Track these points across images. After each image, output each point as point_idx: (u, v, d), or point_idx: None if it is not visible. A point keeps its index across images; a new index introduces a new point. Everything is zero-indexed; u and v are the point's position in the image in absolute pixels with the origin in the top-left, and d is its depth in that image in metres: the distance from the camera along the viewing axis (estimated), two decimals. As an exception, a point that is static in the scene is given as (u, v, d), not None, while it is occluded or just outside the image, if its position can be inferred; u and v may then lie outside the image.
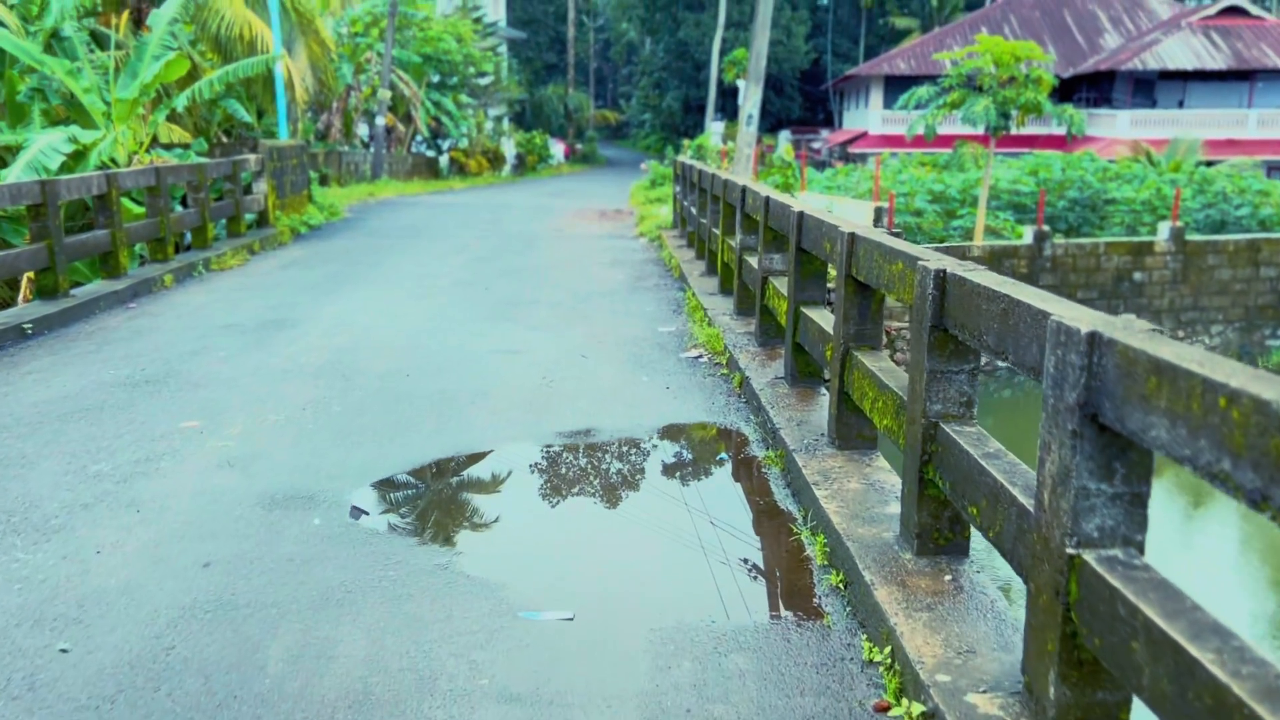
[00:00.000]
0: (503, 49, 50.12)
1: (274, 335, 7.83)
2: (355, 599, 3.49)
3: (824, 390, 5.61)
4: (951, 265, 3.33)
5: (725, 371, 6.68)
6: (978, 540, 3.40)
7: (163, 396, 6.06)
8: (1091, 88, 37.62)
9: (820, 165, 39.80)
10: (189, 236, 12.35)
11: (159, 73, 12.72)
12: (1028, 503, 2.65)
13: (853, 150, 40.05)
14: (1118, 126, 33.84)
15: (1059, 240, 18.85)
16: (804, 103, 60.87)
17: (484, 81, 41.20)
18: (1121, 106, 35.15)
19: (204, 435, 5.32)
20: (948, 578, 3.35)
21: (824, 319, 5.20)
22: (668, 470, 4.98)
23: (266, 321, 8.37)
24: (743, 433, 5.43)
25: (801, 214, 5.49)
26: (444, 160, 36.20)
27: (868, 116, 41.09)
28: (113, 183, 9.44)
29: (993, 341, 2.90)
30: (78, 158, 13.00)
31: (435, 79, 35.26)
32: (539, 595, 3.55)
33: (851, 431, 4.60)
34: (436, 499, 4.62)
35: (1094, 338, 2.22)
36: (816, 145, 47.79)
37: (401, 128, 31.33)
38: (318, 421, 5.56)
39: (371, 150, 28.86)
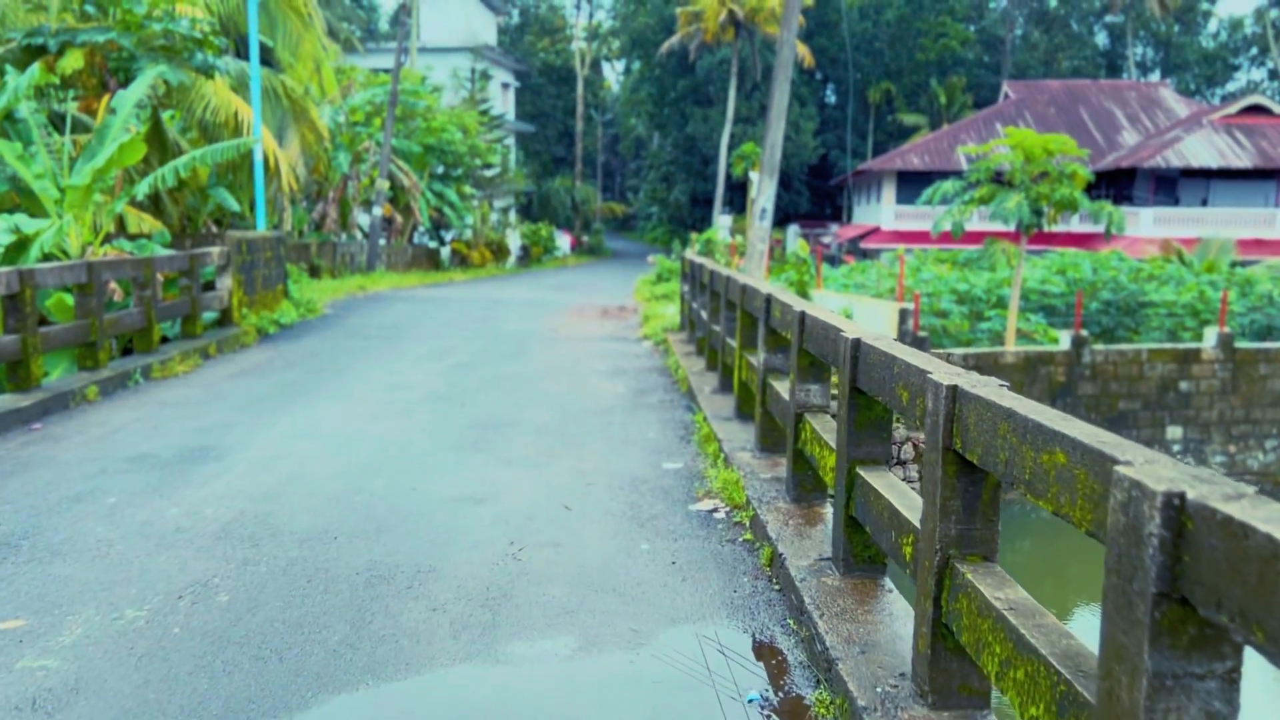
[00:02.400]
0: (510, 141, 49.83)
1: (188, 472, 6.33)
2: None
3: (891, 587, 4.07)
4: (1189, 483, 1.84)
5: (749, 537, 5.14)
6: None
7: None
8: (1111, 185, 36.69)
9: (831, 260, 38.81)
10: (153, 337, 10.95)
11: (112, 156, 11.51)
12: None
13: (865, 245, 39.06)
14: (1140, 225, 32.75)
15: (1098, 346, 17.43)
16: (812, 197, 60.42)
17: (490, 173, 40.55)
18: (1143, 204, 34.14)
19: (22, 646, 3.79)
20: None
21: (895, 493, 3.70)
22: None
23: (187, 451, 6.88)
24: (779, 650, 3.88)
25: (859, 343, 4.03)
26: (445, 252, 35.21)
27: (880, 211, 40.21)
28: (26, 280, 8.08)
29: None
30: (20, 248, 11.73)
31: (439, 170, 34.50)
32: None
33: (952, 681, 3.05)
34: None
35: None
36: (826, 240, 46.97)
37: (400, 218, 30.34)
38: (190, 622, 4.02)
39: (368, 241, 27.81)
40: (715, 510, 5.62)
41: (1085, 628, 12.58)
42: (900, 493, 3.71)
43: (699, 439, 7.40)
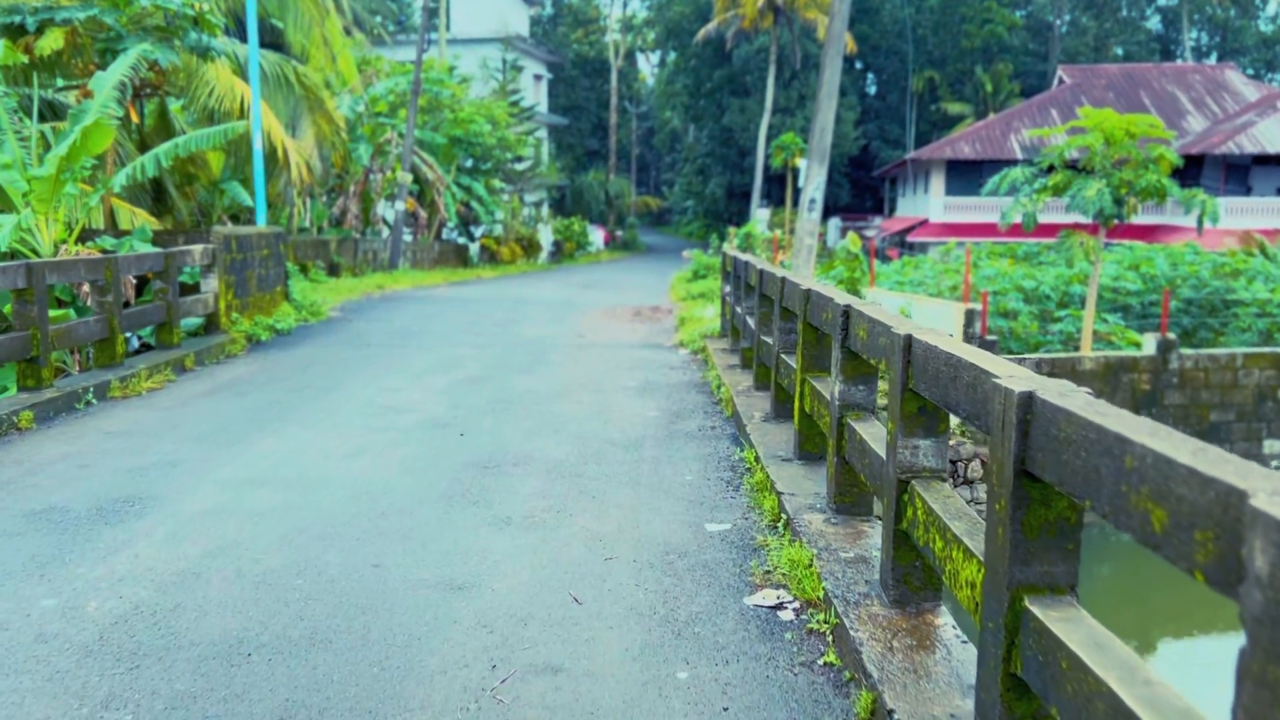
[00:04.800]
0: (542, 134, 48.48)
1: (95, 536, 4.91)
2: None
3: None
4: None
5: (833, 660, 3.61)
6: None
7: None
8: (1176, 173, 34.56)
9: (875, 254, 37.01)
10: (130, 349, 9.59)
11: (76, 143, 10.18)
12: None
13: (912, 239, 37.22)
14: (1210, 215, 30.63)
15: (1187, 351, 15.64)
16: (852, 189, 58.48)
17: (521, 166, 39.18)
18: (1213, 193, 31.99)
19: None
20: None
21: (1117, 669, 2.15)
22: None
23: (107, 503, 5.47)
24: None
25: (1032, 400, 2.49)
26: (474, 248, 33.86)
27: (928, 203, 38.32)
28: (-63, 286, 6.72)
29: None
30: (-23, 247, 10.45)
31: (467, 163, 33.14)
32: None
33: None
34: None
35: None
36: (869, 233, 45.11)
37: (425, 213, 28.97)
38: (-30, 837, 2.58)
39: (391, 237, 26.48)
40: (780, 606, 4.09)
41: (1179, 665, 10.90)
42: (1126, 667, 2.15)
43: (750, 486, 5.87)
